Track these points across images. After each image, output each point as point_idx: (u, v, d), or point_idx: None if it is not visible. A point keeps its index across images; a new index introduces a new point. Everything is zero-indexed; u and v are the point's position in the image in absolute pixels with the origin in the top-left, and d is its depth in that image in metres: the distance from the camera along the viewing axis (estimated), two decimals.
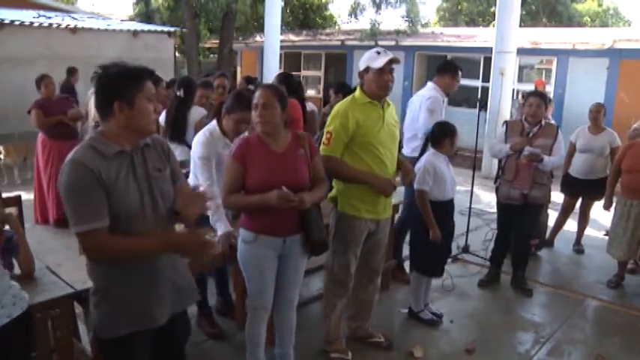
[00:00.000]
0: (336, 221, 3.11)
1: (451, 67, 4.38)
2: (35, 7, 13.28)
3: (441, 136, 3.61)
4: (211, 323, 3.50)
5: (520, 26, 9.17)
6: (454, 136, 3.62)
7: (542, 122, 4.24)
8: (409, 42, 13.31)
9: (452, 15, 24.68)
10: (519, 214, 4.30)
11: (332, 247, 3.07)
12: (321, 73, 15.38)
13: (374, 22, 14.90)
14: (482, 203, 7.02)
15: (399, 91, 12.38)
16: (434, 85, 4.34)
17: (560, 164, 4.52)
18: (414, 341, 3.53)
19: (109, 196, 1.81)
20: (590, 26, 20.56)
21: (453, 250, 4.60)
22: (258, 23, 18.48)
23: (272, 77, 6.60)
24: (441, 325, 3.80)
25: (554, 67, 11.06)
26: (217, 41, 16.85)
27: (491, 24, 17.27)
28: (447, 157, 3.67)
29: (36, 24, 10.87)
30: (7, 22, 10.27)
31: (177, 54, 15.36)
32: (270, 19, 11.93)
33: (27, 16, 11.44)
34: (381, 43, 12.54)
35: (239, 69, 17.11)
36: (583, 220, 5.47)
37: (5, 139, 8.26)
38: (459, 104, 11.53)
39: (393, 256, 4.40)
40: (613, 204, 4.59)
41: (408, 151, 4.33)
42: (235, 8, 15.03)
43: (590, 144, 5.13)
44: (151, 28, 13.36)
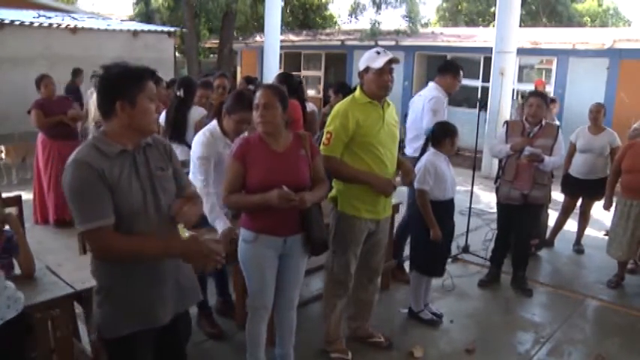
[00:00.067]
0: (336, 221, 3.11)
1: (452, 66, 4.38)
2: (35, 7, 13.28)
3: (442, 136, 3.61)
4: (211, 323, 3.50)
5: (520, 26, 9.17)
6: (454, 136, 3.62)
7: (543, 122, 4.25)
8: (409, 42, 13.30)
9: (452, 15, 24.70)
10: (519, 214, 4.30)
11: (332, 247, 3.07)
12: (321, 73, 15.37)
13: (374, 22, 14.91)
14: (482, 203, 7.02)
15: (399, 91, 12.38)
16: (435, 85, 4.34)
17: (560, 164, 4.52)
18: (414, 341, 3.53)
19: (113, 195, 1.81)
20: (590, 26, 20.58)
21: (453, 250, 4.60)
22: (258, 23, 18.49)
23: (272, 77, 6.61)
24: (441, 325, 3.80)
25: (554, 67, 11.06)
26: (217, 41, 16.86)
27: (491, 24, 17.28)
28: (448, 157, 3.68)
29: (36, 24, 10.88)
30: (7, 22, 10.28)
31: (177, 54, 15.37)
32: (270, 19, 11.93)
33: (27, 16, 11.45)
34: (381, 43, 12.54)
35: (239, 69, 17.10)
36: (583, 220, 5.47)
37: (5, 139, 8.25)
38: (459, 104, 11.51)
39: (393, 256, 4.40)
40: (613, 204, 4.60)
41: (410, 151, 4.31)
42: (235, 8, 15.04)
43: (590, 144, 5.13)
44: (151, 28, 13.37)
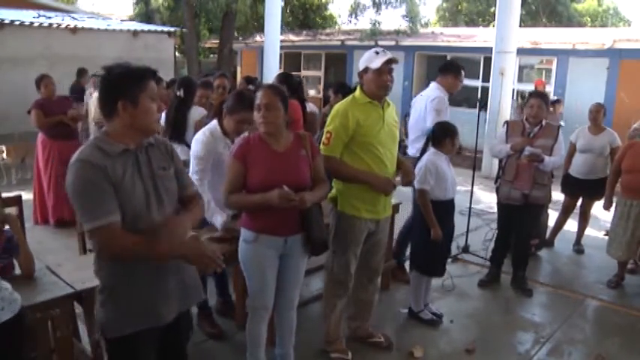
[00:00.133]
0: (336, 221, 3.11)
1: (454, 67, 4.38)
2: (35, 7, 13.28)
3: (442, 136, 3.61)
4: (211, 323, 3.50)
5: (520, 26, 9.17)
6: (455, 136, 3.62)
7: (543, 122, 4.25)
8: (409, 42, 13.30)
9: (452, 15, 24.70)
10: (520, 214, 4.30)
11: (332, 247, 3.06)
12: (321, 73, 15.37)
13: (374, 22, 14.91)
14: (482, 203, 7.02)
15: (399, 91, 12.39)
16: (437, 85, 4.34)
17: (560, 164, 4.52)
18: (414, 341, 3.53)
19: (116, 195, 1.81)
20: (590, 26, 20.58)
21: (453, 250, 4.60)
22: (258, 23, 18.49)
23: (272, 77, 6.61)
24: (441, 325, 3.80)
25: (554, 67, 11.06)
26: (217, 41, 16.86)
27: (491, 24, 17.28)
28: (448, 157, 3.68)
29: (36, 24, 10.88)
30: (7, 22, 10.28)
31: (177, 54, 15.37)
32: (270, 19, 11.93)
33: (27, 16, 11.44)
34: (381, 43, 12.54)
35: (239, 69, 17.10)
36: (583, 220, 5.47)
37: (5, 139, 8.25)
38: (459, 104, 11.49)
39: (395, 256, 4.40)
40: (613, 204, 4.60)
41: (413, 151, 4.30)
42: (235, 8, 15.04)
43: (590, 144, 5.13)
44: (151, 28, 13.37)
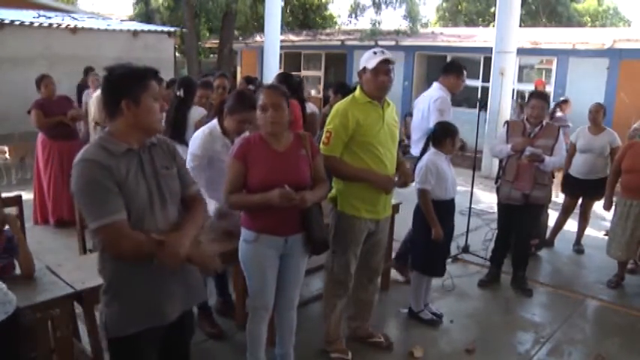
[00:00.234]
0: (336, 221, 3.11)
1: (456, 67, 4.39)
2: (35, 7, 13.26)
3: (442, 136, 3.61)
4: (211, 323, 3.50)
5: (520, 26, 9.17)
6: (455, 136, 3.62)
7: (544, 123, 4.25)
8: (409, 42, 13.30)
9: (452, 15, 24.68)
10: (520, 214, 4.30)
11: (332, 247, 3.06)
12: (321, 73, 15.37)
13: (374, 22, 14.90)
14: (482, 203, 7.02)
15: (399, 91, 12.39)
16: (439, 85, 4.34)
17: (561, 164, 4.52)
18: (414, 341, 3.53)
19: (121, 193, 1.82)
20: (590, 26, 20.57)
21: (453, 250, 4.60)
22: (258, 23, 18.48)
23: (272, 77, 6.60)
24: (441, 325, 3.80)
25: (554, 67, 11.06)
26: (217, 41, 16.85)
27: (491, 24, 17.27)
28: (448, 157, 3.68)
29: (36, 24, 10.86)
30: (7, 22, 10.26)
31: (177, 54, 15.35)
32: (270, 19, 11.93)
33: (27, 16, 11.43)
34: (381, 43, 12.54)
35: (239, 69, 17.10)
36: (583, 220, 5.47)
37: (5, 139, 8.26)
38: (459, 104, 11.47)
39: (399, 256, 4.40)
40: (613, 204, 4.60)
41: (416, 150, 4.28)
42: (235, 8, 15.02)
43: (591, 144, 5.13)
44: (151, 28, 13.34)
